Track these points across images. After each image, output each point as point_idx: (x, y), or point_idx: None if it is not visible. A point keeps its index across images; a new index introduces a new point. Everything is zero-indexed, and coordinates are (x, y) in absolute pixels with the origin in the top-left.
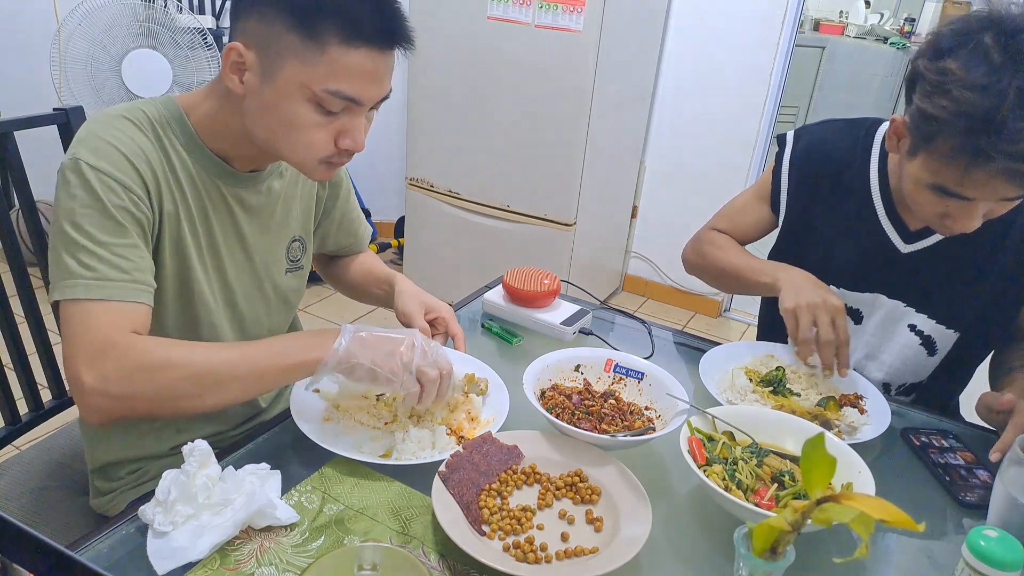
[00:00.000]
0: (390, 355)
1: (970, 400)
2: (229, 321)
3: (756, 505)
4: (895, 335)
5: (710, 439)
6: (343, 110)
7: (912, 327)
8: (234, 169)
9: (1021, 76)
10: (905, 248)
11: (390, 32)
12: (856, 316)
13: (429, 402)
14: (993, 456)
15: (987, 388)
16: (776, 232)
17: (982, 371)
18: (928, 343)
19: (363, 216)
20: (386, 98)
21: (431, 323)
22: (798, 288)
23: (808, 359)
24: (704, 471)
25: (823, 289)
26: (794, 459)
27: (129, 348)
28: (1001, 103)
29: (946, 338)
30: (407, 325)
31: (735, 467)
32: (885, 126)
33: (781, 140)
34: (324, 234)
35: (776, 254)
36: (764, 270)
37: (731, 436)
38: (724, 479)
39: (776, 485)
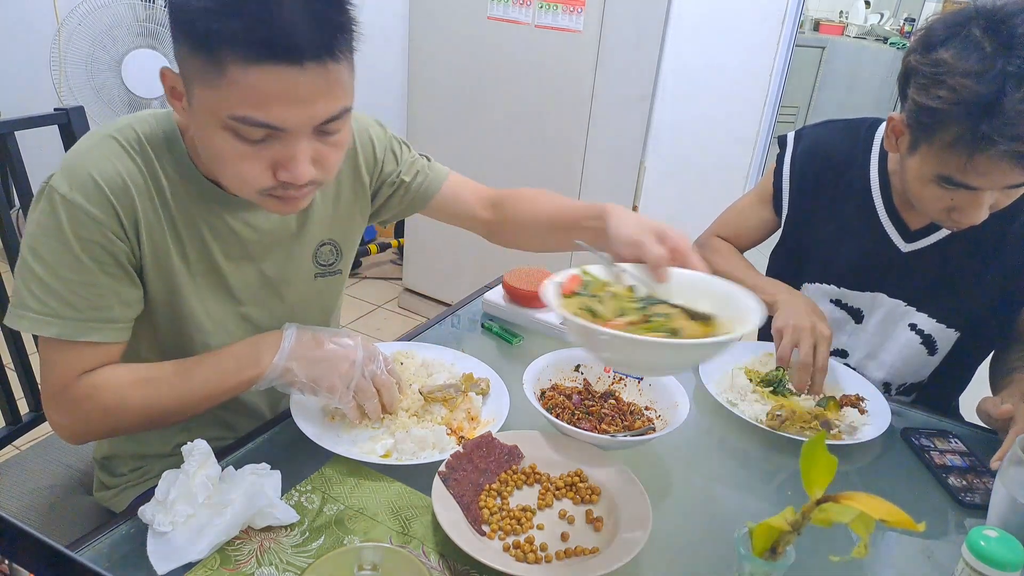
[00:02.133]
0: (328, 372)
1: (971, 400)
2: (236, 334)
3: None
4: (895, 334)
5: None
6: (269, 137)
7: (912, 326)
8: (229, 193)
9: (1014, 61)
10: (906, 247)
11: (299, 45)
12: (857, 315)
13: (375, 416)
14: (994, 464)
15: (987, 388)
16: (778, 233)
17: (983, 371)
18: (928, 342)
19: (420, 164)
20: (337, 117)
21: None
22: (793, 311)
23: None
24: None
25: (816, 316)
26: (688, 312)
27: (83, 396)
28: (998, 87)
29: (946, 337)
30: (633, 256)
31: (597, 299)
32: (885, 125)
33: (782, 141)
34: (395, 202)
35: (777, 255)
36: (766, 288)
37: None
38: (581, 309)
39: (640, 319)
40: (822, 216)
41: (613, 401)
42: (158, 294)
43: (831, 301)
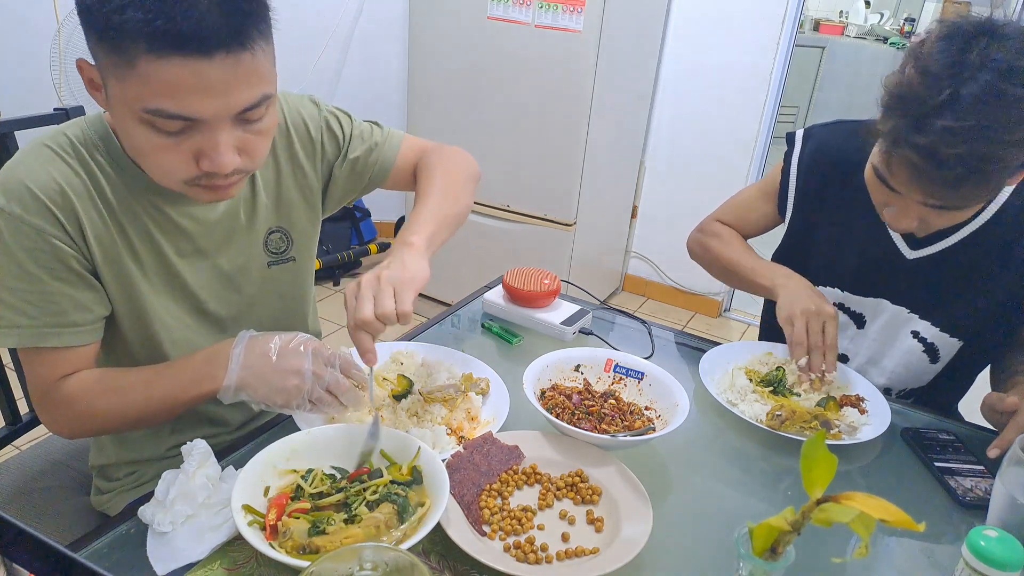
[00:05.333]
0: (279, 391)
1: (970, 405)
2: (199, 330)
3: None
4: (898, 341)
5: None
6: (187, 128)
7: (915, 333)
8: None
9: (984, 76)
10: (911, 254)
11: (205, 35)
12: (859, 320)
13: (338, 416)
14: (991, 452)
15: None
16: (781, 233)
17: (983, 376)
18: (931, 350)
19: (370, 138)
20: (257, 105)
21: None
22: (794, 296)
23: (799, 360)
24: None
25: (819, 297)
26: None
27: (60, 402)
28: (940, 98)
29: (949, 346)
30: None
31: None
32: None
33: (790, 139)
34: (344, 187)
35: (781, 255)
36: (764, 272)
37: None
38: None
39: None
40: (828, 219)
41: (613, 401)
42: (117, 296)
43: (834, 305)
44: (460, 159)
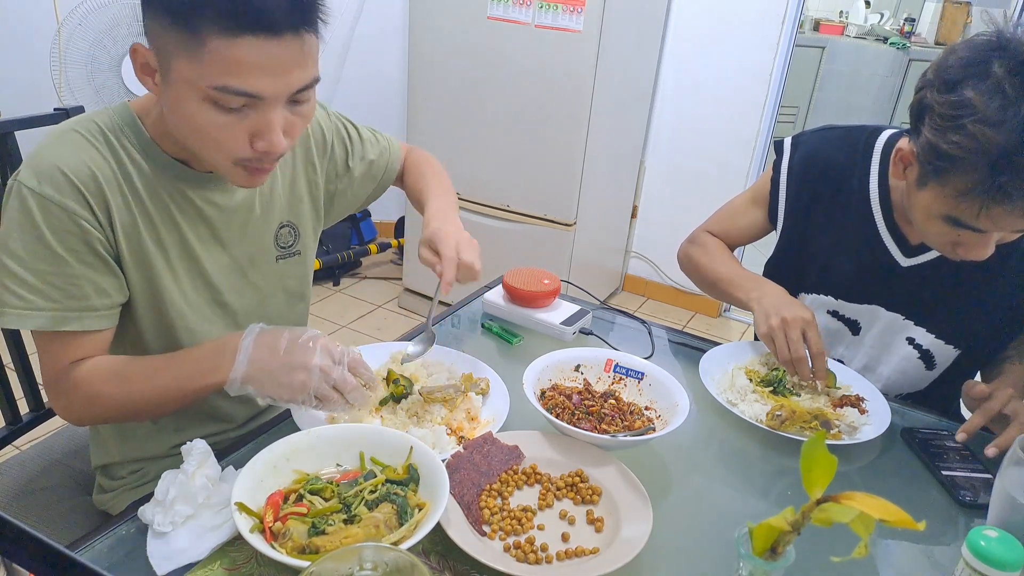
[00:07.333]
0: (285, 386)
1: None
2: (215, 320)
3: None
4: (893, 348)
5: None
6: (246, 106)
7: (911, 340)
8: (194, 170)
9: None
10: (905, 262)
11: (276, 16)
12: (854, 327)
13: (343, 415)
14: (989, 451)
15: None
16: (774, 242)
17: None
18: (927, 357)
19: (379, 142)
20: (309, 87)
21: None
22: (768, 309)
23: (793, 377)
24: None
25: (792, 304)
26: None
27: (70, 387)
28: (1019, 137)
29: (945, 354)
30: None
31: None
32: (885, 136)
33: (778, 147)
34: (350, 193)
35: (774, 263)
36: (741, 284)
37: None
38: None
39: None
40: (820, 226)
41: (613, 401)
42: (136, 283)
43: (828, 312)
44: (437, 162)
